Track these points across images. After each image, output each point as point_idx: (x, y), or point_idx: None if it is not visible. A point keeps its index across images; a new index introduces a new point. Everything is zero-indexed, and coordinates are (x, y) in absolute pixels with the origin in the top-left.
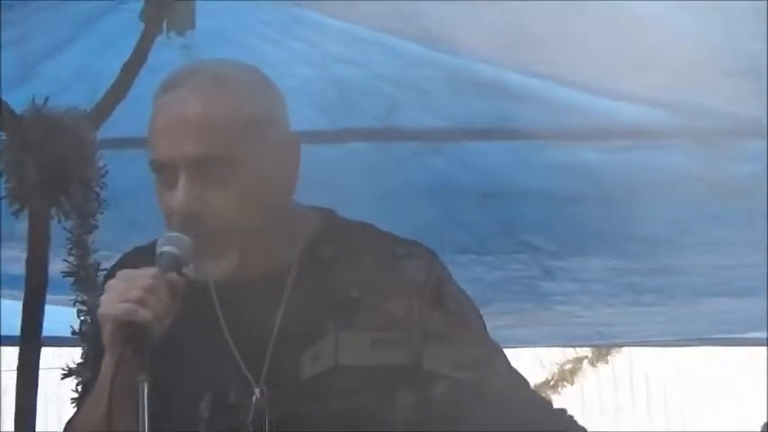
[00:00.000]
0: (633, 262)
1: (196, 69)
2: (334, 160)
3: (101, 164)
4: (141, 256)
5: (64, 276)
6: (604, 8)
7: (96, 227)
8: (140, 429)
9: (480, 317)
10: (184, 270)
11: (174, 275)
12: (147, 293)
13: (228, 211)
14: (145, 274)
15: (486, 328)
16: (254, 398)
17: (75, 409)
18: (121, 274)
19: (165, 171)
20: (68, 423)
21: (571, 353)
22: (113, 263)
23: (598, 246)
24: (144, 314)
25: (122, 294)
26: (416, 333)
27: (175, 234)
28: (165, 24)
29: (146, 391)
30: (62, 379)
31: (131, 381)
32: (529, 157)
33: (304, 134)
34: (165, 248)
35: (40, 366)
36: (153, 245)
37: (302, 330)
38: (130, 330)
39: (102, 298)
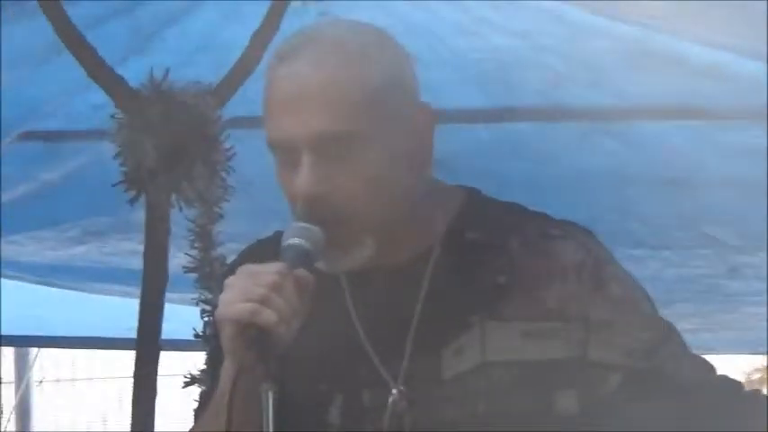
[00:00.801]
0: None
1: (314, 36)
2: (492, 142)
3: (227, 145)
4: (266, 250)
5: (186, 272)
6: None
7: (222, 216)
8: None
9: (649, 298)
10: (315, 265)
11: (302, 271)
12: (272, 292)
13: (360, 192)
14: (270, 270)
15: (656, 309)
16: (390, 399)
17: (195, 421)
18: (243, 270)
19: (285, 151)
20: None
21: (760, 361)
22: (236, 258)
23: None
24: (268, 315)
25: (244, 293)
26: (577, 322)
27: (304, 224)
28: None
29: (271, 401)
30: (184, 387)
31: (255, 390)
32: (712, 140)
33: (457, 113)
34: (293, 241)
35: (159, 373)
36: (279, 237)
37: (444, 323)
38: (253, 333)
39: (221, 297)
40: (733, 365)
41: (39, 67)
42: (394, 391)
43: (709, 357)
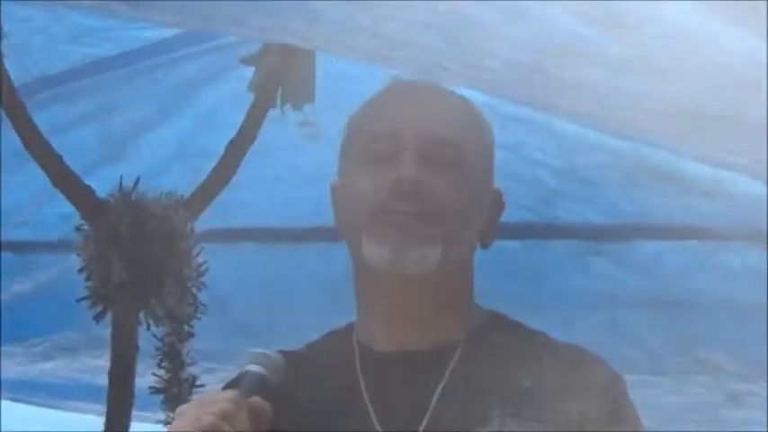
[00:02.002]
0: None
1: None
2: (478, 260)
3: (199, 260)
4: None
5: (152, 393)
6: None
7: (192, 335)
8: None
9: None
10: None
11: (257, 399)
12: (222, 420)
13: (450, 196)
14: (222, 398)
15: None
16: None
17: None
18: (198, 397)
19: (381, 145)
20: None
21: None
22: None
23: None
24: None
25: (194, 422)
26: None
27: (262, 351)
28: (279, 96)
29: None
30: None
31: None
32: (711, 261)
33: None
34: (250, 368)
35: None
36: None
37: (462, 412)
38: None
39: (172, 425)
40: None
41: (9, 175)
42: None
43: None
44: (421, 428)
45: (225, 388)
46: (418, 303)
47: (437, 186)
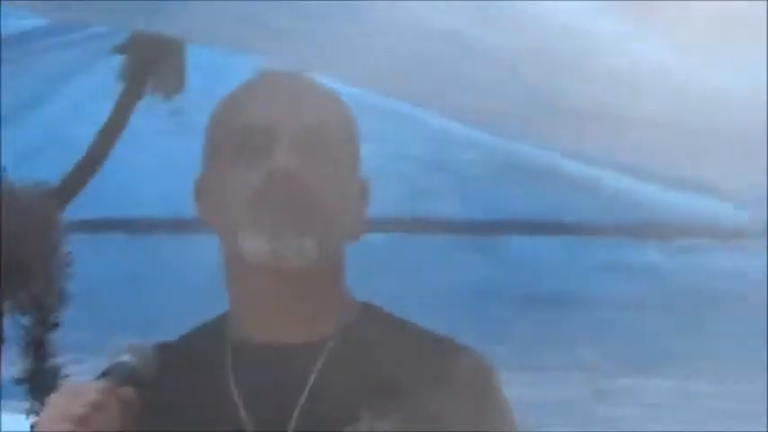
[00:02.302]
0: (709, 384)
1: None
2: (348, 254)
3: (67, 250)
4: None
5: (17, 383)
6: (670, 82)
7: (57, 325)
8: None
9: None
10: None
11: (127, 390)
12: (93, 410)
13: (327, 185)
14: (92, 389)
15: None
16: None
17: None
18: (66, 387)
19: (253, 139)
20: None
21: None
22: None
23: (664, 363)
24: None
25: (63, 412)
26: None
27: (134, 342)
28: (148, 85)
29: None
30: None
31: None
32: (583, 257)
33: None
34: (122, 358)
35: None
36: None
37: (331, 413)
38: None
39: (41, 416)
40: None
41: None
42: None
43: None
44: (290, 429)
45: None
46: (293, 297)
47: (311, 177)
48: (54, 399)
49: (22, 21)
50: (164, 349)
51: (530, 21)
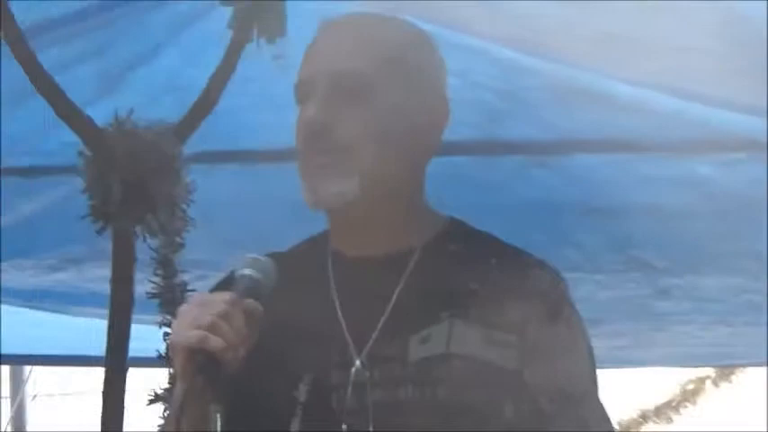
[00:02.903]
0: (751, 280)
1: (356, 13)
2: (433, 175)
3: (188, 179)
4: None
5: (149, 298)
6: (711, 12)
7: (183, 245)
8: None
9: (591, 353)
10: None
11: (251, 301)
12: (220, 319)
13: (361, 130)
14: (219, 299)
15: (593, 357)
16: (353, 371)
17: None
18: (195, 298)
19: (306, 91)
20: None
21: (692, 372)
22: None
23: (714, 263)
24: (216, 342)
25: (194, 321)
26: (526, 343)
27: (255, 256)
28: (254, 31)
29: (219, 423)
30: (148, 405)
31: (204, 411)
32: (637, 171)
33: None
34: (244, 272)
35: (127, 390)
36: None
37: (416, 314)
38: (202, 359)
39: (174, 324)
40: (667, 378)
41: (15, 108)
42: (357, 362)
43: (641, 370)
44: (378, 326)
45: (214, 289)
46: (362, 223)
47: (346, 123)
48: (184, 309)
49: None
50: (275, 258)
51: None
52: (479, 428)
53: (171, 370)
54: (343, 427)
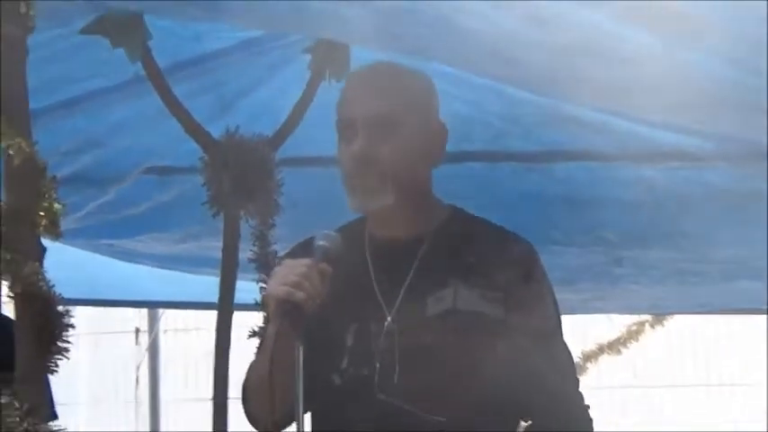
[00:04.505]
0: (681, 253)
1: (372, 65)
2: (454, 176)
3: (278, 177)
4: (304, 249)
5: (249, 262)
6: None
7: (274, 225)
8: (296, 383)
9: (556, 304)
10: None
11: (324, 265)
12: (302, 279)
13: (393, 156)
14: (301, 263)
15: (558, 312)
16: (386, 324)
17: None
18: (285, 262)
19: (347, 128)
20: (249, 366)
21: (636, 318)
22: (286, 252)
23: (656, 240)
24: (299, 295)
25: (283, 279)
26: (509, 297)
27: (328, 232)
28: (327, 72)
29: (300, 353)
30: (248, 338)
31: (289, 346)
32: (603, 174)
33: None
34: (319, 242)
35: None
36: (309, 241)
37: (430, 281)
38: (288, 307)
39: (270, 280)
40: (616, 321)
41: (157, 126)
42: (389, 318)
43: (599, 316)
44: (402, 290)
45: (293, 249)
46: (390, 216)
47: (382, 155)
48: (276, 270)
49: (246, 32)
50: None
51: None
52: (479, 363)
53: (265, 314)
54: (380, 396)
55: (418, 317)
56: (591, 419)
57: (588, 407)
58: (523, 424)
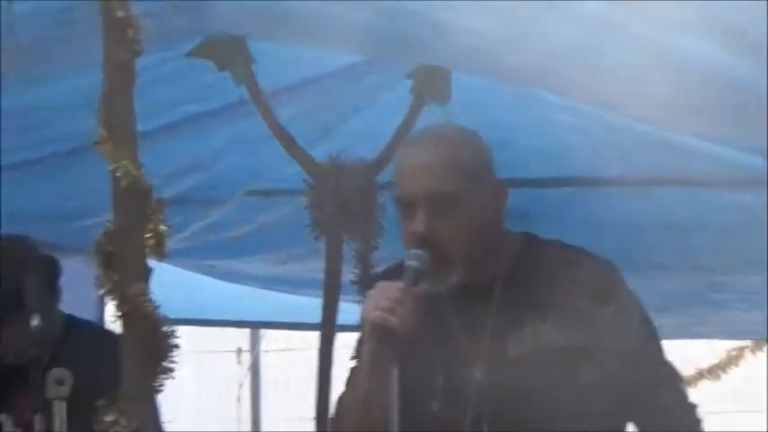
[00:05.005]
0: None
1: (429, 131)
2: (553, 199)
3: (380, 200)
4: (395, 271)
5: (351, 283)
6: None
7: (377, 247)
8: (391, 405)
9: (647, 321)
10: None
11: (418, 289)
12: (396, 304)
13: (455, 236)
14: (395, 287)
15: (647, 330)
16: (472, 370)
17: (345, 386)
18: (378, 285)
19: (406, 205)
20: (339, 398)
21: (735, 343)
22: (380, 272)
23: (754, 265)
24: (393, 321)
25: (377, 303)
26: (592, 322)
27: (418, 251)
28: (427, 97)
29: (395, 375)
30: (350, 360)
31: (384, 369)
32: (701, 199)
33: (531, 180)
34: (410, 263)
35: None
36: (401, 263)
37: (508, 322)
38: (382, 333)
39: (364, 304)
40: (716, 346)
41: (259, 149)
42: (475, 369)
43: (698, 341)
44: (482, 335)
45: (385, 272)
46: (467, 271)
47: (443, 232)
48: (371, 293)
49: (347, 57)
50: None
51: None
52: (566, 398)
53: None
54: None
55: (502, 360)
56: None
57: (700, 420)
58: None
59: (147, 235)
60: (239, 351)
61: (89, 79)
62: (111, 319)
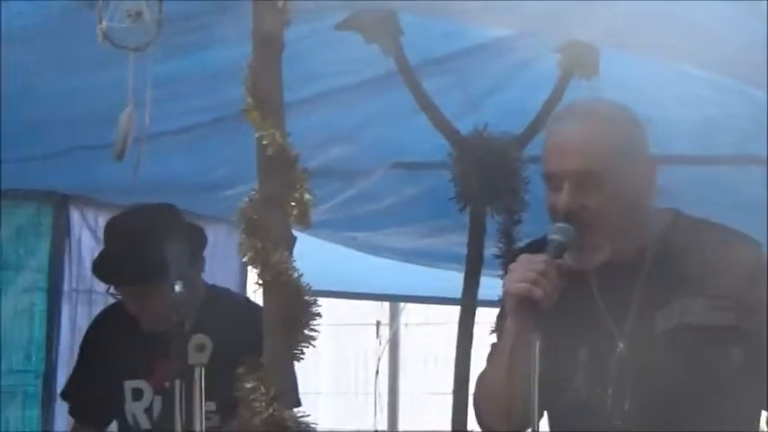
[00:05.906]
0: None
1: (578, 107)
2: (700, 179)
3: (525, 174)
4: (540, 245)
5: (494, 258)
6: None
7: (520, 221)
8: (532, 378)
9: None
10: (566, 258)
11: (561, 261)
12: (540, 276)
13: (601, 213)
14: (538, 260)
15: None
16: (616, 346)
17: (486, 363)
18: (521, 258)
19: (553, 181)
20: (480, 375)
21: None
22: (523, 246)
23: None
24: (536, 293)
25: (521, 276)
26: (739, 303)
27: (561, 225)
28: (576, 71)
29: (537, 348)
30: (490, 334)
31: (527, 343)
32: None
33: (675, 157)
34: (554, 237)
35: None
36: (545, 238)
37: (656, 298)
38: (526, 305)
39: (507, 276)
40: None
41: (405, 122)
42: (620, 344)
43: None
44: (629, 311)
45: (529, 246)
46: (615, 248)
47: (590, 209)
48: (514, 266)
49: (495, 31)
50: None
51: None
52: (710, 375)
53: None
54: (615, 422)
55: (648, 336)
56: None
57: None
58: None
59: (292, 204)
60: (378, 324)
61: (239, 50)
62: (254, 288)
